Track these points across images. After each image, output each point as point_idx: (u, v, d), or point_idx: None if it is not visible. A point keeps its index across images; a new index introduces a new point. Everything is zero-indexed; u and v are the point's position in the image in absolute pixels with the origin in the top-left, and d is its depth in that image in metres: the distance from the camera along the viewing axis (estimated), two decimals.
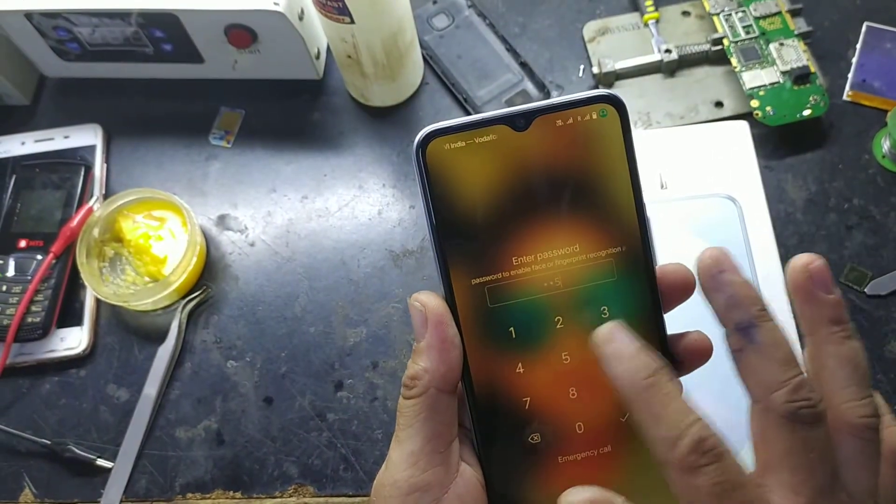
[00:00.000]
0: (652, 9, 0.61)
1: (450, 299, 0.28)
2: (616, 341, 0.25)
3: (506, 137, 0.27)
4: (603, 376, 0.26)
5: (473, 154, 0.27)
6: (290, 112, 0.62)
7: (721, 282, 0.25)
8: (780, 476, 0.24)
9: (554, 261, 0.28)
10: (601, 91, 0.27)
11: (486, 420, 0.28)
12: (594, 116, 0.27)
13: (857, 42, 0.59)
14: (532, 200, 0.27)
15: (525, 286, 0.28)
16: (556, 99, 0.27)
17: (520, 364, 0.28)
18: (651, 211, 0.28)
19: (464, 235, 0.27)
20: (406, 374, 0.27)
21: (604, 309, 0.28)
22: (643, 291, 0.28)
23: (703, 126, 0.56)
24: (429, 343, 0.27)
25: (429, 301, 0.27)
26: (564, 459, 0.28)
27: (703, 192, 0.53)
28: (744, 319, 0.25)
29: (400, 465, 0.27)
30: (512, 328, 0.28)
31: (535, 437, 0.28)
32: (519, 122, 0.27)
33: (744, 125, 0.55)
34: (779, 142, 0.57)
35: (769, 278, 0.50)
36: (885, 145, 0.55)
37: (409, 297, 0.28)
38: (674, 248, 0.50)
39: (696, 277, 0.27)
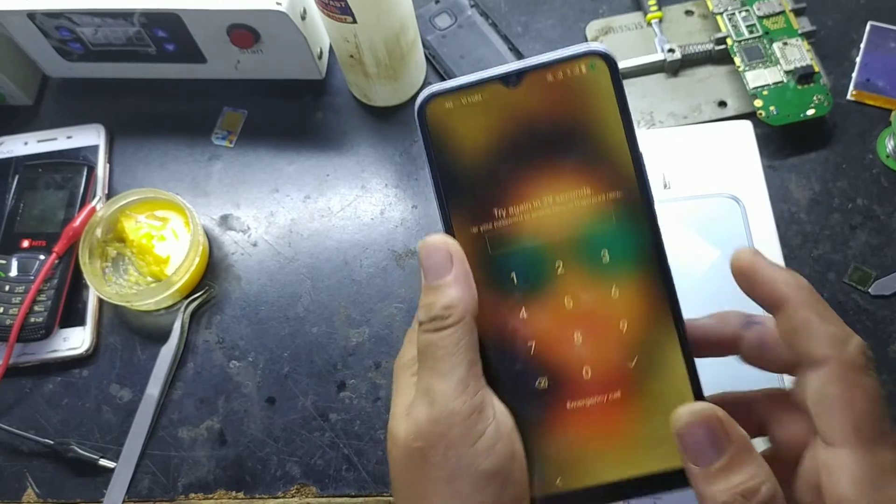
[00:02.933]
0: (655, 8, 0.61)
1: None
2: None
3: (500, 94, 0.28)
4: (607, 321, 0.28)
5: (471, 111, 0.28)
6: (293, 112, 0.62)
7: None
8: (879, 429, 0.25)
9: (551, 207, 0.28)
10: (589, 45, 0.28)
11: (494, 367, 0.29)
12: (583, 70, 0.28)
13: (861, 41, 0.59)
14: (528, 151, 0.28)
15: (524, 233, 0.29)
16: (545, 55, 0.28)
17: (523, 310, 0.29)
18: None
19: (464, 187, 0.29)
20: (435, 306, 0.28)
21: (604, 252, 0.28)
22: (643, 234, 0.28)
23: (707, 126, 0.56)
24: (456, 276, 0.28)
25: (449, 240, 0.29)
26: (573, 405, 0.29)
27: (707, 191, 0.53)
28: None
29: (451, 395, 0.27)
30: (513, 274, 0.29)
31: (543, 383, 0.29)
32: (511, 79, 0.28)
33: (747, 125, 0.55)
34: (782, 141, 0.57)
35: None
36: (890, 145, 0.55)
37: (420, 242, 0.29)
38: (677, 248, 0.49)
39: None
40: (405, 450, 0.28)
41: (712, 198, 0.52)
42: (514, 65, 0.28)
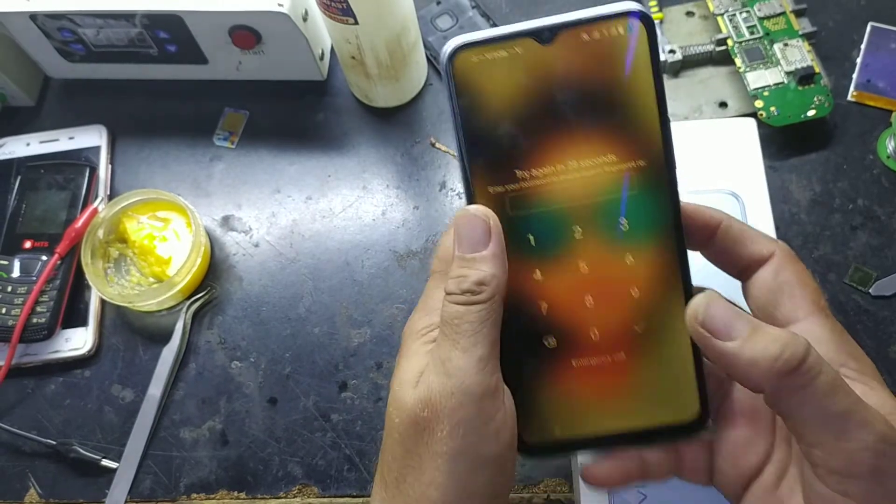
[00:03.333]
0: (656, 9, 0.61)
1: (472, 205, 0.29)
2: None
3: (532, 50, 0.27)
4: (619, 287, 0.28)
5: (500, 66, 0.28)
6: (295, 113, 0.62)
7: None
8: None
9: (575, 172, 0.28)
10: (628, 5, 0.27)
11: (504, 323, 0.29)
12: (620, 31, 0.27)
13: (861, 42, 0.59)
14: (556, 112, 0.28)
15: (545, 196, 0.28)
16: (582, 12, 0.27)
17: (538, 271, 0.29)
18: None
19: (488, 145, 0.28)
20: (468, 280, 0.28)
21: (623, 221, 0.28)
22: (663, 205, 0.28)
23: (711, 122, 0.55)
24: (493, 252, 0.28)
25: (490, 213, 0.28)
26: (578, 363, 0.29)
27: (707, 187, 0.53)
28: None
29: (469, 371, 0.27)
30: (531, 236, 0.29)
31: (551, 341, 0.29)
32: (545, 35, 0.27)
33: (751, 122, 0.55)
34: (783, 142, 0.57)
35: None
36: (890, 145, 0.55)
37: (459, 212, 0.29)
38: None
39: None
40: (411, 417, 0.27)
41: (712, 194, 0.52)
42: (549, 20, 0.27)
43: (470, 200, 0.29)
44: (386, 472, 0.29)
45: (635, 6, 0.27)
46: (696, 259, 0.30)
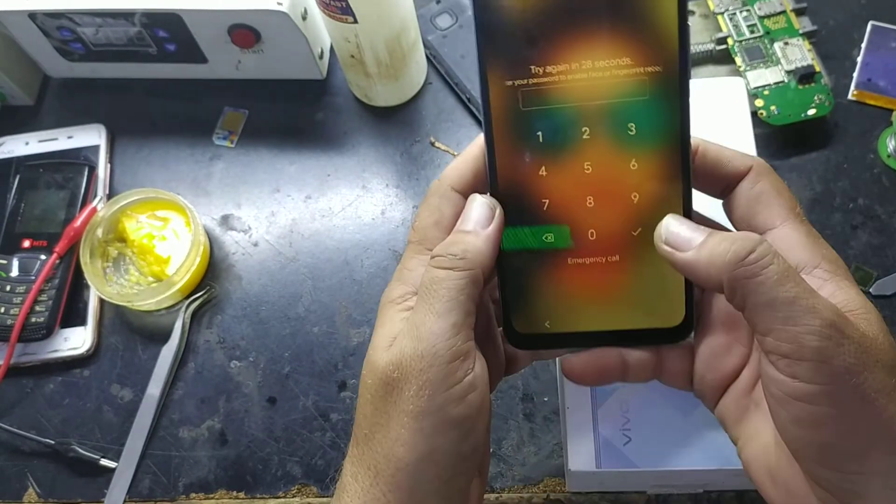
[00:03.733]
0: None
1: (485, 99, 0.29)
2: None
3: None
4: (621, 190, 0.29)
5: None
6: (294, 112, 0.62)
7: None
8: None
9: (589, 72, 0.28)
10: None
11: (507, 216, 0.30)
12: None
13: (862, 41, 0.59)
14: (576, 10, 0.28)
15: (557, 93, 0.29)
16: None
17: (543, 167, 0.29)
18: None
19: (505, 38, 0.28)
20: (456, 245, 0.29)
21: (631, 126, 0.29)
22: (673, 113, 0.29)
23: (698, 81, 0.55)
24: (490, 235, 0.29)
25: (498, 205, 0.30)
26: (573, 261, 0.30)
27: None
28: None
29: (441, 335, 0.28)
30: (540, 132, 0.29)
31: (549, 237, 0.30)
32: None
33: (739, 81, 0.55)
34: (783, 141, 0.57)
35: None
36: (891, 145, 0.55)
37: (473, 195, 0.30)
38: None
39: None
40: (381, 378, 0.28)
41: None
42: None
43: (484, 93, 0.29)
44: (357, 431, 0.30)
45: None
46: None
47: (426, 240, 0.31)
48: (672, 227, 0.28)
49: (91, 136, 0.62)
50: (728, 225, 0.32)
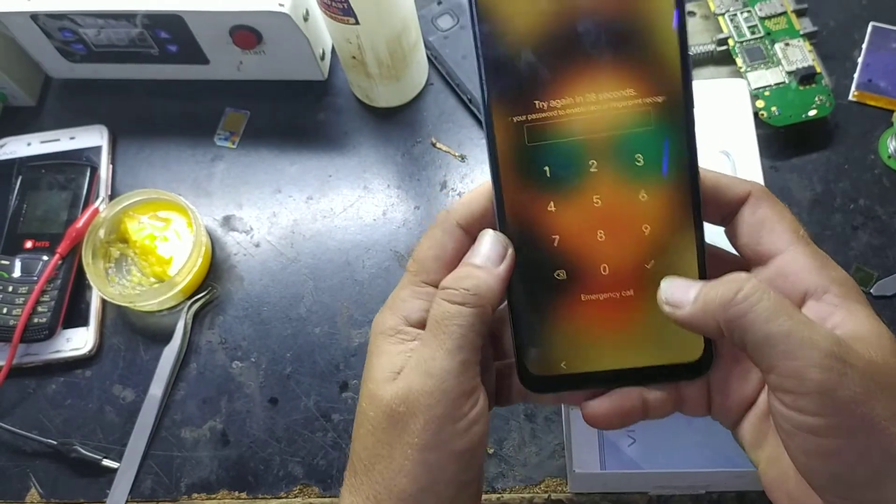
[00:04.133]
0: None
1: (490, 136, 0.29)
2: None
3: None
4: (631, 223, 0.29)
5: None
6: (295, 113, 0.62)
7: None
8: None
9: (593, 104, 0.28)
10: None
11: (519, 257, 0.30)
12: None
13: (862, 42, 0.59)
14: (577, 43, 0.28)
15: (563, 127, 0.28)
16: None
17: (552, 203, 0.29)
18: None
19: (508, 74, 0.28)
20: (469, 280, 0.29)
21: (638, 157, 0.28)
22: (679, 143, 0.28)
23: (701, 83, 0.56)
24: (502, 274, 0.29)
25: (509, 242, 0.30)
26: (587, 298, 0.30)
27: (699, 146, 0.53)
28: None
29: (451, 373, 0.28)
30: (547, 168, 0.29)
31: (561, 274, 0.30)
32: None
33: (741, 83, 0.55)
34: (784, 142, 0.57)
35: None
36: (892, 145, 0.55)
37: (485, 230, 0.30)
38: None
39: None
40: (386, 411, 0.28)
41: (704, 152, 0.53)
42: None
43: (489, 130, 0.29)
44: (356, 461, 0.29)
45: None
46: None
47: (424, 272, 0.31)
48: (667, 287, 0.28)
49: (93, 137, 0.62)
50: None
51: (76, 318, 0.56)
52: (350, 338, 0.54)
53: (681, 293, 0.28)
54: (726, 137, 0.53)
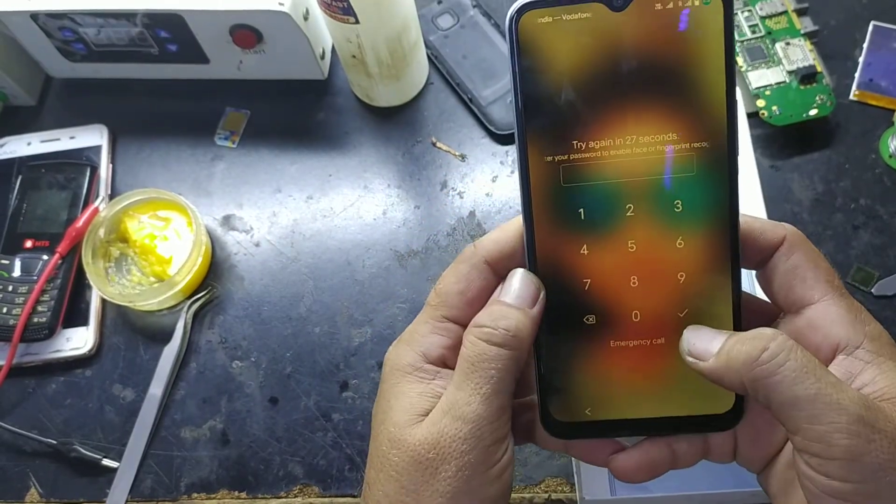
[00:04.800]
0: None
1: (524, 174, 0.28)
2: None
3: (602, 16, 0.26)
4: (666, 270, 0.28)
5: (567, 30, 0.27)
6: (296, 112, 0.62)
7: None
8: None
9: (633, 147, 0.27)
10: None
11: (548, 299, 0.29)
12: (696, 2, 0.26)
13: (863, 41, 0.59)
14: (620, 83, 0.27)
15: (600, 169, 0.28)
16: None
17: (585, 246, 0.28)
18: None
19: (546, 111, 0.27)
20: (504, 320, 0.28)
21: (678, 202, 0.28)
22: (721, 191, 0.28)
23: None
24: (535, 316, 0.28)
25: (541, 284, 0.29)
26: (616, 344, 0.29)
27: None
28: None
29: (487, 419, 0.27)
30: (582, 209, 0.28)
31: (591, 319, 0.29)
32: (617, 1, 0.26)
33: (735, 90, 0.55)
34: (785, 142, 0.57)
35: None
36: (892, 145, 0.55)
37: (518, 270, 0.29)
38: None
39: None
40: (414, 456, 0.27)
41: None
42: None
43: (524, 168, 0.28)
44: None
45: None
46: None
47: (446, 306, 0.30)
48: (690, 337, 0.28)
49: (93, 137, 0.62)
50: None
51: (76, 317, 0.56)
52: (350, 337, 0.54)
53: (704, 344, 0.27)
54: None
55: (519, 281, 0.29)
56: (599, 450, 0.30)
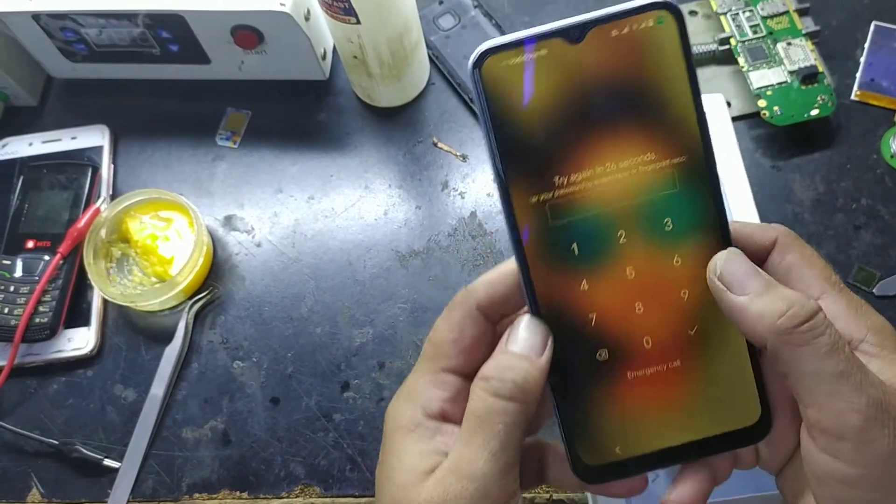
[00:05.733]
0: None
1: (510, 218, 0.28)
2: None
3: (561, 51, 0.26)
4: (668, 290, 0.27)
5: (530, 69, 0.27)
6: (297, 113, 0.62)
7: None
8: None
9: (614, 174, 0.27)
10: None
11: (554, 340, 0.28)
12: (651, 24, 0.26)
13: (865, 41, 0.59)
14: (590, 113, 0.27)
15: (586, 201, 0.27)
16: (610, 8, 0.26)
17: (584, 281, 0.28)
18: None
19: (523, 153, 0.27)
20: (512, 371, 0.27)
21: (667, 221, 0.27)
22: (707, 201, 0.27)
23: None
24: (544, 365, 0.27)
25: (549, 332, 0.28)
26: (634, 375, 0.28)
27: None
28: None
29: (495, 478, 0.26)
30: (574, 245, 0.28)
31: (603, 354, 0.28)
32: (574, 34, 0.26)
33: (718, 98, 0.55)
34: (786, 142, 0.57)
35: None
36: (894, 145, 0.55)
37: (525, 317, 0.28)
38: None
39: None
40: None
41: None
42: (577, 18, 0.26)
43: (509, 213, 0.28)
44: None
45: None
46: None
47: (442, 357, 0.29)
48: (730, 264, 0.27)
49: (94, 137, 0.62)
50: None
51: (77, 317, 0.56)
52: (351, 338, 0.54)
53: (740, 278, 0.26)
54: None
55: (525, 329, 0.28)
56: (630, 482, 0.29)
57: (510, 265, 0.29)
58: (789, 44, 0.57)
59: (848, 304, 0.27)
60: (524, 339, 0.28)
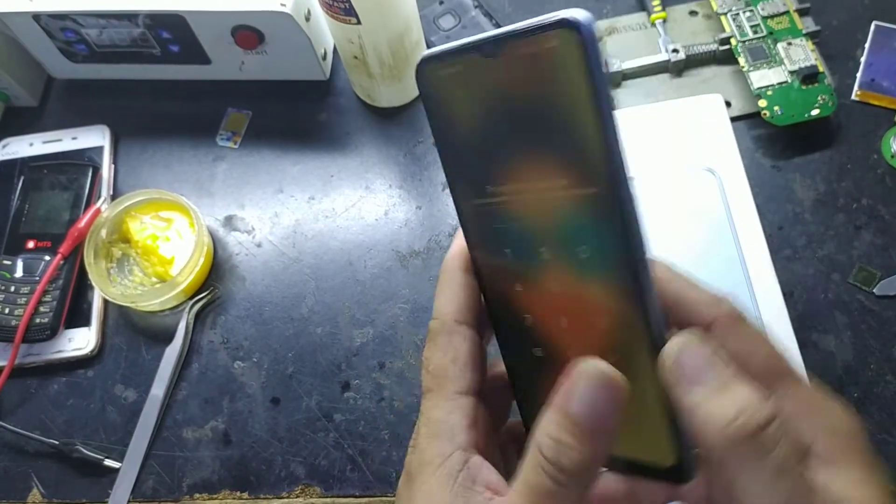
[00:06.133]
0: (659, 8, 0.61)
1: (460, 215, 0.29)
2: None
3: (479, 65, 0.26)
4: (588, 315, 0.27)
5: (456, 80, 0.27)
6: (297, 113, 0.62)
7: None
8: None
9: (533, 193, 0.27)
10: (565, 13, 0.23)
11: (501, 330, 0.30)
12: (553, 43, 0.24)
13: (865, 41, 0.59)
14: (508, 130, 0.26)
15: (511, 213, 0.28)
16: (519, 24, 0.25)
17: (518, 283, 0.28)
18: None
19: (459, 159, 0.28)
20: (574, 455, 0.24)
21: (583, 248, 0.26)
22: (621, 239, 0.25)
23: (677, 102, 0.56)
24: (610, 434, 0.25)
25: (624, 380, 0.25)
26: (562, 379, 0.28)
27: (683, 165, 0.53)
28: None
29: None
30: (508, 249, 0.28)
31: (538, 352, 0.29)
32: (488, 49, 0.25)
33: (717, 97, 0.55)
34: (787, 142, 0.57)
35: (752, 246, 0.50)
36: (894, 145, 0.55)
37: (592, 367, 0.25)
38: (658, 224, 0.49)
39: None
40: None
41: (689, 171, 0.53)
42: (492, 32, 0.25)
43: (457, 211, 0.29)
44: None
45: (567, 13, 0.23)
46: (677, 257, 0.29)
47: (448, 380, 0.27)
48: (685, 356, 0.24)
49: (95, 137, 0.62)
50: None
51: (78, 318, 0.56)
52: (352, 338, 0.54)
53: (695, 370, 0.23)
54: (709, 154, 0.53)
55: (595, 388, 0.24)
56: None
57: (447, 272, 0.30)
58: (790, 44, 0.57)
59: (800, 401, 0.25)
60: (593, 407, 0.25)
